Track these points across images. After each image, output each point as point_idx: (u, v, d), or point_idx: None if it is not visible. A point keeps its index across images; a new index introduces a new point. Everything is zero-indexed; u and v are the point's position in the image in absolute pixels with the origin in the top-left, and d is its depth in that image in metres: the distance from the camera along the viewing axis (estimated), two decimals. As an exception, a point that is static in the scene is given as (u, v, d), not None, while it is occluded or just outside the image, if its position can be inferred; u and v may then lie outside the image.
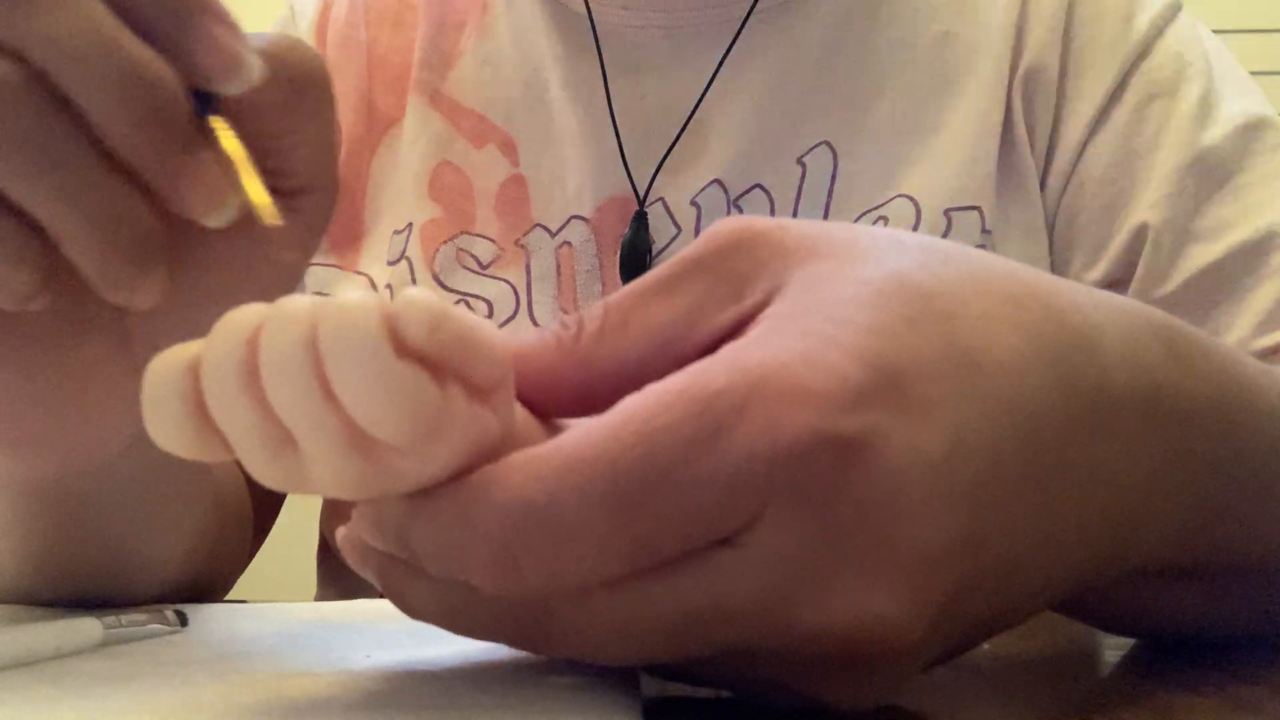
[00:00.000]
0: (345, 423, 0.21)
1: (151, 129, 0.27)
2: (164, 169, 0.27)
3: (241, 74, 0.28)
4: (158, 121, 0.27)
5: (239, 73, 0.28)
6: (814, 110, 0.60)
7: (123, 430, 0.31)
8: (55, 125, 0.26)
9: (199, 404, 0.22)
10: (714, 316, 0.25)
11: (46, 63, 0.26)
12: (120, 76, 0.26)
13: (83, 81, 0.26)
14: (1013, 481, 0.24)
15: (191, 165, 0.28)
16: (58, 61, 0.26)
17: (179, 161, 0.27)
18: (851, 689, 0.24)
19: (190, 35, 0.27)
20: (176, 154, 0.27)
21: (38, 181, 0.26)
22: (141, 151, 0.27)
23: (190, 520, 0.46)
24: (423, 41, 0.65)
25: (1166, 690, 0.31)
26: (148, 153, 0.27)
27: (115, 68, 0.26)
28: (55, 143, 0.26)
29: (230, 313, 0.22)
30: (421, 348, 0.21)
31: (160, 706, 0.26)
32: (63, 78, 0.26)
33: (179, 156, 0.27)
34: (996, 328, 0.25)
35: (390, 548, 0.24)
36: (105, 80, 0.26)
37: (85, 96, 0.26)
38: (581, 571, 0.22)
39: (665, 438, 0.22)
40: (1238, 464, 0.31)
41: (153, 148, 0.27)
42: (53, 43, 0.26)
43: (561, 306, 0.60)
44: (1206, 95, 0.58)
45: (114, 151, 0.27)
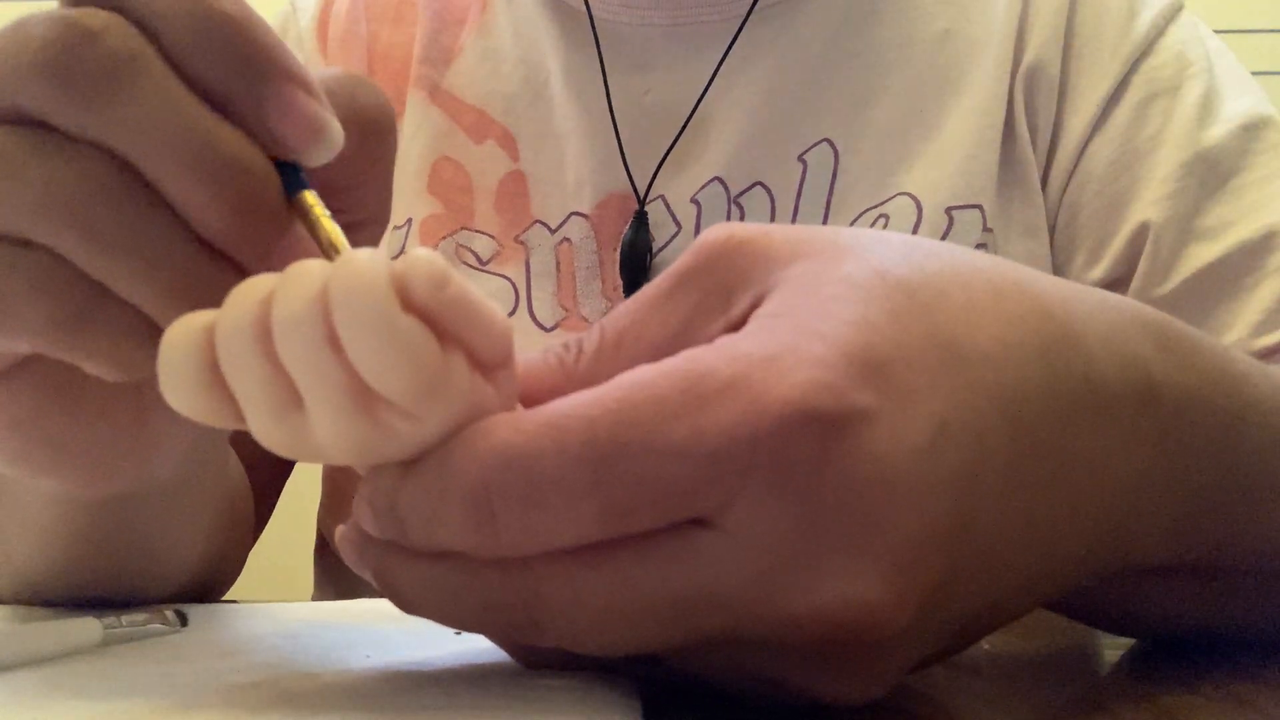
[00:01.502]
0: (350, 378, 0.22)
1: (244, 216, 0.26)
2: (256, 252, 0.26)
3: (325, 143, 0.27)
4: (250, 208, 0.26)
5: (323, 142, 0.27)
6: (815, 108, 0.60)
7: (180, 448, 0.32)
8: (146, 215, 0.26)
9: (212, 365, 0.23)
10: (706, 327, 0.25)
11: (133, 154, 0.25)
12: (205, 164, 0.25)
13: (171, 172, 0.25)
14: (999, 470, 0.24)
15: (283, 245, 0.27)
16: (145, 152, 0.25)
17: (270, 242, 0.27)
18: (841, 680, 0.24)
19: (272, 106, 0.26)
20: (268, 237, 0.26)
21: (132, 269, 0.26)
22: (233, 237, 0.26)
23: (208, 523, 0.46)
24: (423, 37, 0.65)
25: (1166, 690, 0.31)
26: (239, 238, 0.26)
27: (200, 155, 0.25)
28: (147, 232, 0.26)
29: (246, 280, 0.23)
30: (426, 305, 0.22)
31: (160, 706, 0.26)
32: (151, 169, 0.25)
33: (271, 239, 0.27)
34: (980, 319, 0.25)
35: (382, 523, 0.24)
36: (190, 168, 0.25)
37: (175, 187, 0.26)
38: (556, 530, 0.22)
39: (648, 406, 0.22)
40: (1233, 459, 0.31)
41: (244, 233, 0.26)
42: (136, 133, 0.25)
43: (561, 303, 0.60)
44: (1208, 94, 0.58)
45: (205, 236, 0.26)
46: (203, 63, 0.26)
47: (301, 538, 0.70)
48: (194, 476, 0.43)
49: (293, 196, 0.27)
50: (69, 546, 0.40)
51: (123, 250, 0.25)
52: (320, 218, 0.26)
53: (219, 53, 0.26)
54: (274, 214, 0.26)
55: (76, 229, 0.25)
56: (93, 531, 0.40)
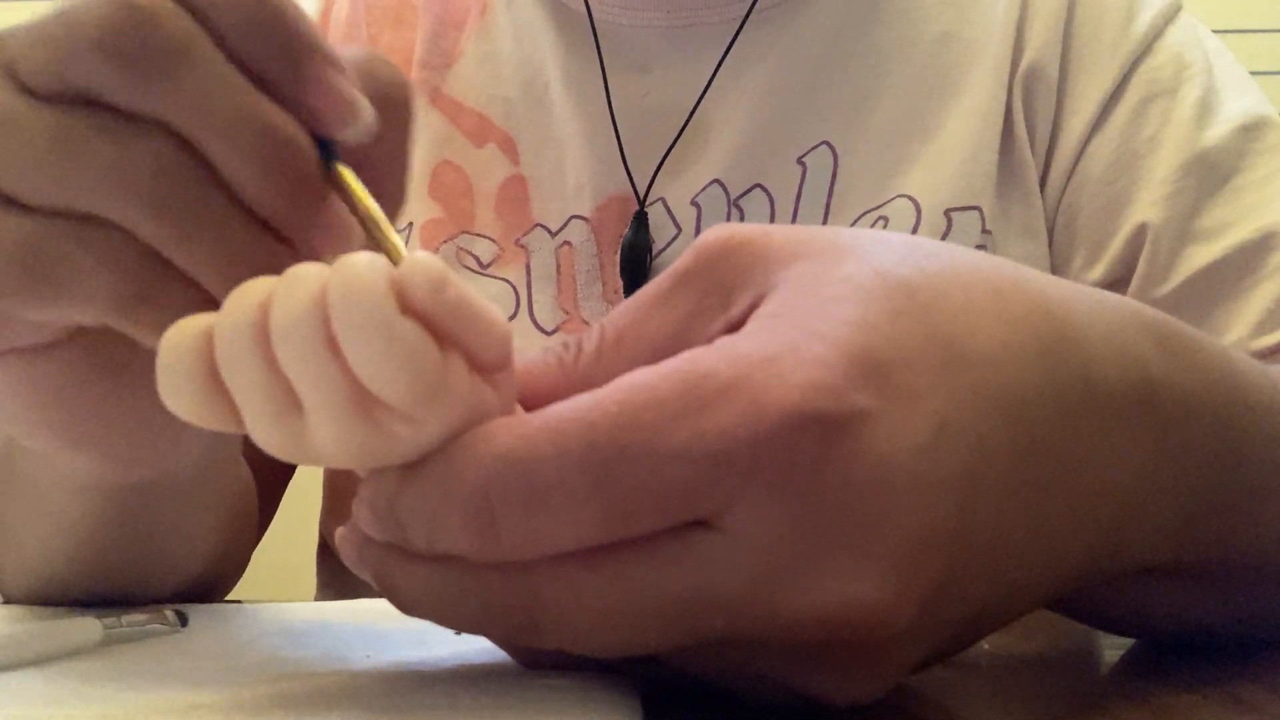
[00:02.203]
0: (349, 382, 0.22)
1: (290, 189, 0.27)
2: (300, 223, 0.28)
3: (360, 120, 0.28)
4: (295, 182, 0.27)
5: (357, 119, 0.28)
6: (814, 110, 0.60)
7: (206, 435, 0.32)
8: (207, 191, 0.27)
9: (211, 368, 0.23)
10: (705, 327, 0.25)
11: (191, 131, 0.27)
12: (259, 141, 0.27)
13: (227, 148, 0.27)
14: (1000, 470, 0.24)
15: (323, 217, 0.28)
16: (202, 130, 0.27)
17: (314, 215, 0.28)
18: (842, 681, 0.24)
19: (309, 84, 0.28)
20: (312, 209, 0.28)
21: (196, 244, 0.27)
22: (281, 210, 0.27)
23: (217, 519, 0.46)
24: (423, 40, 0.65)
25: (1166, 690, 0.31)
26: (287, 210, 0.27)
27: (254, 133, 0.27)
28: (208, 208, 0.27)
29: (245, 283, 0.23)
30: (425, 309, 0.22)
31: (160, 706, 0.26)
32: (208, 146, 0.27)
33: (314, 210, 0.28)
34: (980, 319, 0.25)
35: (382, 527, 0.24)
36: (245, 146, 0.27)
37: (230, 163, 0.27)
38: (557, 534, 0.22)
39: (648, 409, 0.22)
40: (1233, 459, 0.31)
41: (291, 206, 0.27)
42: (194, 111, 0.26)
43: (562, 306, 0.60)
44: (1207, 95, 0.58)
45: (255, 209, 0.27)
46: (249, 45, 0.27)
47: (303, 538, 0.70)
48: (210, 471, 0.43)
49: (329, 171, 0.28)
50: (87, 535, 0.41)
51: (187, 224, 0.27)
52: (357, 191, 0.28)
53: (264, 36, 0.27)
54: (315, 186, 0.28)
55: (144, 205, 0.26)
56: (114, 520, 0.40)
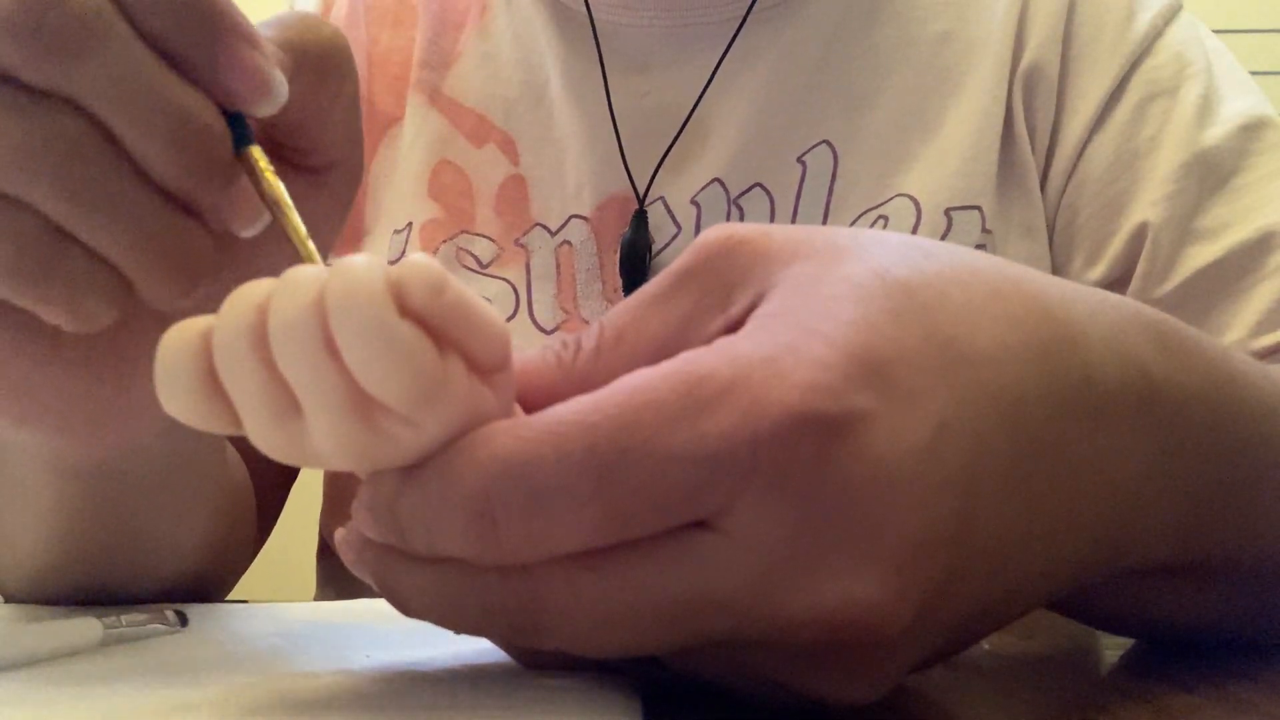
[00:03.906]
0: (348, 384, 0.22)
1: (198, 170, 0.28)
2: (209, 200, 0.29)
3: (271, 95, 0.28)
4: (204, 162, 0.28)
5: (269, 94, 0.28)
6: (814, 109, 0.60)
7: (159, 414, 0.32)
8: (114, 169, 0.27)
9: (210, 371, 0.23)
10: (705, 326, 0.25)
11: (99, 108, 0.27)
12: (168, 120, 0.27)
13: (134, 126, 0.27)
14: (1000, 470, 0.24)
15: (233, 192, 0.29)
16: (110, 107, 0.27)
17: (224, 192, 0.29)
18: (843, 682, 0.24)
19: (221, 61, 0.28)
20: (220, 187, 0.28)
21: (101, 221, 0.27)
22: (190, 188, 0.28)
23: (205, 514, 0.46)
24: (422, 41, 0.65)
25: (1166, 690, 0.31)
26: (195, 188, 0.28)
27: (163, 112, 0.27)
28: (116, 185, 0.27)
29: (244, 284, 0.23)
30: (423, 311, 0.22)
31: (160, 706, 0.26)
32: (115, 123, 0.27)
33: (223, 189, 0.29)
34: (979, 319, 0.25)
35: (382, 529, 0.24)
36: (154, 125, 0.27)
37: (136, 140, 0.27)
38: (558, 537, 0.22)
39: (648, 411, 0.22)
40: (1233, 459, 0.31)
41: (200, 184, 0.28)
42: (104, 89, 0.27)
43: (561, 306, 0.60)
44: (1207, 95, 0.58)
45: (163, 187, 0.28)
46: (159, 20, 0.27)
47: (303, 538, 0.70)
48: (189, 467, 0.43)
49: (240, 150, 0.29)
50: (67, 528, 0.41)
51: (91, 201, 0.27)
52: (265, 171, 0.29)
53: (176, 11, 0.28)
54: (226, 165, 0.28)
55: (48, 181, 0.27)
56: (85, 506, 0.40)
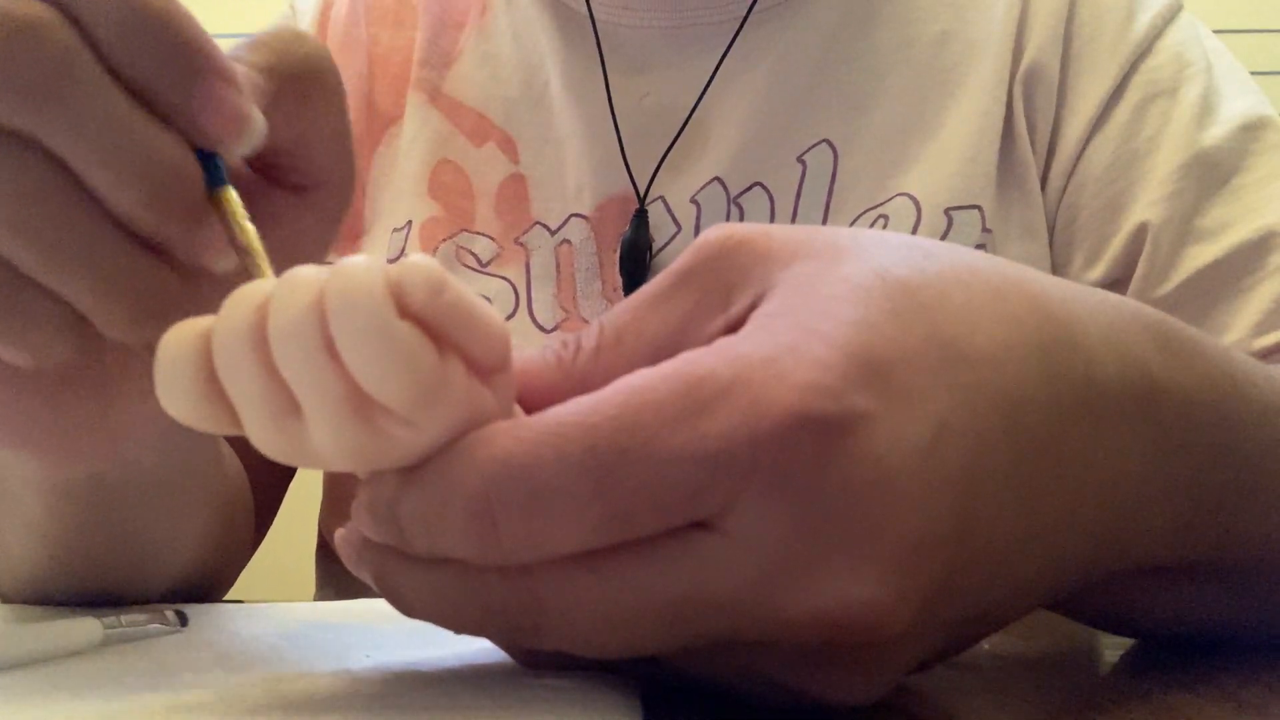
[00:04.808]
0: (348, 385, 0.22)
1: (168, 213, 0.27)
2: (180, 243, 0.27)
3: (247, 135, 0.27)
4: (173, 206, 0.27)
5: (244, 134, 0.27)
6: (814, 108, 0.60)
7: (150, 427, 0.32)
8: (75, 211, 0.26)
9: (209, 372, 0.23)
10: (705, 326, 0.25)
11: (65, 150, 0.26)
12: (136, 164, 0.26)
13: (101, 170, 0.26)
14: (1000, 470, 0.24)
15: (205, 234, 0.28)
16: (76, 150, 0.26)
17: (194, 235, 0.27)
18: (842, 682, 0.24)
19: (196, 100, 0.27)
20: (192, 230, 0.27)
21: (60, 264, 0.26)
22: (159, 232, 0.27)
23: (202, 516, 0.46)
24: (422, 40, 0.65)
25: (1166, 690, 0.31)
26: (165, 232, 0.27)
27: (132, 156, 0.26)
28: (76, 228, 0.26)
29: (243, 286, 0.23)
30: (422, 312, 0.22)
31: (160, 706, 0.26)
32: (80, 166, 0.26)
33: (194, 231, 0.27)
34: (979, 319, 0.25)
35: (382, 530, 0.24)
36: (122, 168, 0.26)
37: (103, 185, 0.26)
38: (558, 537, 0.22)
39: (648, 411, 0.22)
40: (1233, 459, 0.31)
41: (170, 228, 0.27)
42: (71, 132, 0.26)
43: (561, 305, 0.60)
44: (1207, 95, 0.58)
45: (129, 227, 0.27)
46: (132, 57, 0.27)
47: (302, 538, 0.70)
48: (184, 472, 0.43)
49: (214, 190, 0.28)
50: (58, 534, 0.40)
51: (49, 246, 0.26)
52: (236, 216, 0.27)
53: (148, 47, 0.27)
54: (197, 209, 0.27)
55: (4, 223, 0.26)
56: (78, 519, 0.40)
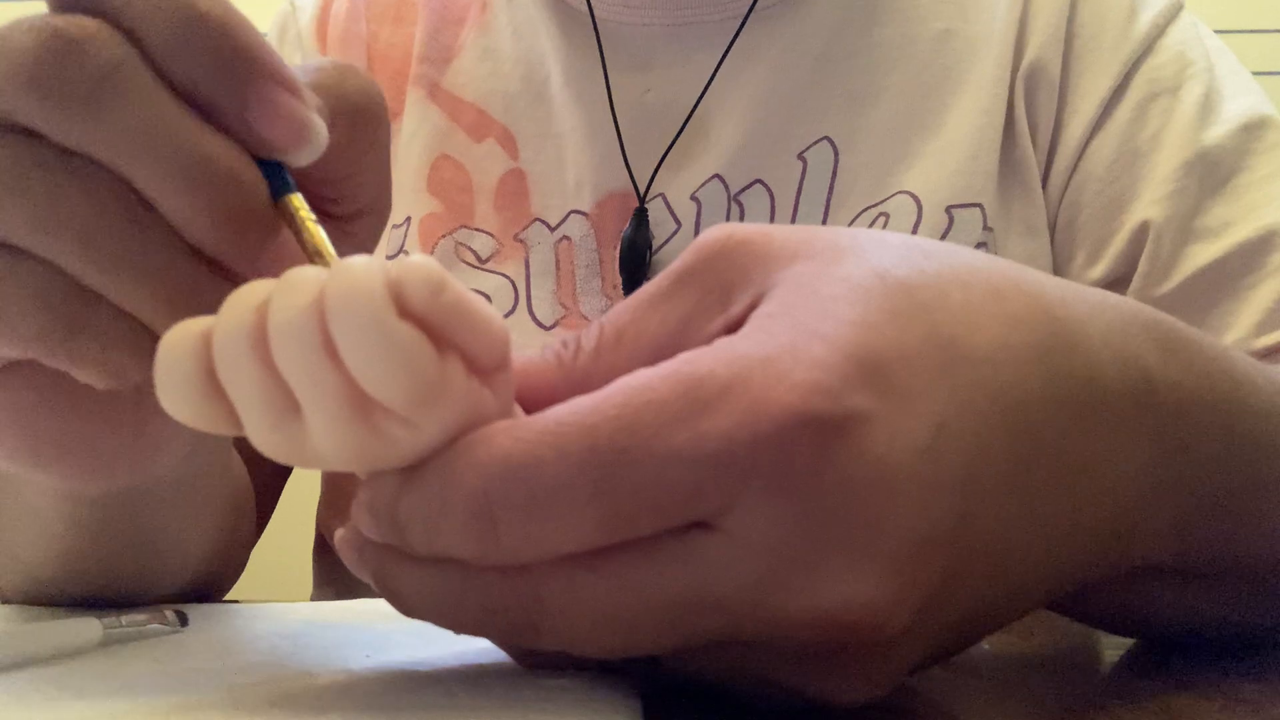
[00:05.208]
0: (347, 385, 0.22)
1: (231, 224, 0.26)
2: (245, 258, 0.27)
3: (311, 143, 0.27)
4: (237, 216, 0.26)
5: (307, 142, 0.26)
6: (815, 106, 0.60)
7: (182, 443, 0.32)
8: (139, 226, 0.26)
9: (210, 372, 0.23)
10: (705, 326, 0.25)
11: (122, 166, 0.25)
12: (195, 175, 0.25)
13: (159, 183, 0.25)
14: (1000, 470, 0.24)
15: (271, 249, 0.27)
16: (133, 164, 0.25)
17: (260, 249, 0.27)
18: (842, 682, 0.24)
19: (256, 109, 0.26)
20: (257, 243, 0.26)
21: (128, 280, 0.26)
22: (222, 245, 0.26)
23: (214, 518, 0.46)
24: (422, 36, 0.65)
25: (1166, 690, 0.31)
26: (229, 246, 0.26)
27: (188, 166, 0.25)
28: (141, 243, 0.26)
29: (242, 287, 0.23)
30: (422, 311, 0.22)
31: (160, 706, 0.26)
32: (140, 180, 0.26)
33: (259, 245, 0.26)
34: (979, 319, 0.25)
35: (382, 529, 0.24)
36: (180, 179, 0.25)
37: (163, 198, 0.26)
38: (558, 537, 0.22)
39: (648, 411, 0.22)
40: (1233, 460, 0.31)
41: (233, 241, 0.26)
42: (126, 144, 0.25)
43: (561, 301, 0.60)
44: (1208, 94, 0.58)
45: (195, 244, 0.26)
46: (186, 66, 0.26)
47: (301, 538, 0.70)
48: (199, 474, 0.43)
49: (279, 199, 0.27)
50: (73, 541, 0.40)
51: (118, 263, 0.26)
52: (305, 221, 0.26)
53: (202, 55, 0.26)
54: (261, 219, 0.26)
55: (74, 242, 0.25)
56: (97, 526, 0.40)
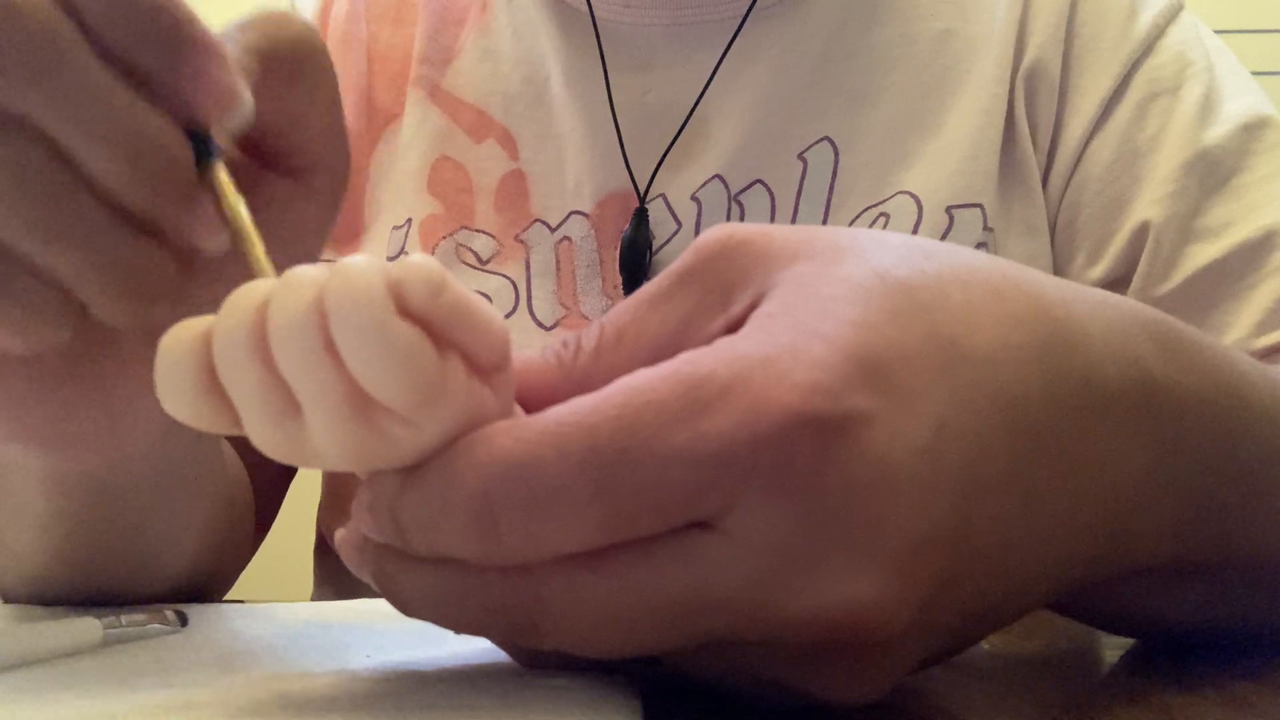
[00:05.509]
0: (348, 385, 0.22)
1: (158, 188, 0.27)
2: (171, 222, 0.27)
3: (235, 110, 0.28)
4: (164, 182, 0.27)
5: (233, 109, 0.27)
6: (815, 106, 0.60)
7: (152, 420, 0.32)
8: (66, 191, 0.26)
9: (209, 371, 0.23)
10: (705, 326, 0.25)
11: (53, 128, 0.26)
12: (125, 141, 0.26)
13: (90, 148, 0.26)
14: (1000, 470, 0.24)
15: (196, 213, 0.28)
16: (64, 127, 0.26)
17: (186, 213, 0.28)
18: (842, 682, 0.24)
19: (183, 77, 0.27)
20: (182, 208, 0.27)
21: (51, 246, 0.27)
22: (149, 211, 0.27)
23: (203, 514, 0.46)
24: (422, 37, 0.65)
25: (1166, 690, 0.31)
26: (155, 211, 0.27)
27: (120, 133, 0.26)
28: (67, 209, 0.26)
29: (243, 285, 0.23)
30: (423, 311, 0.22)
31: (160, 706, 0.26)
32: (69, 144, 0.26)
33: (185, 209, 0.27)
34: (979, 319, 0.25)
35: (382, 529, 0.24)
36: (111, 146, 0.26)
37: (92, 163, 0.26)
38: (558, 537, 0.22)
39: (648, 411, 0.22)
40: (1233, 460, 0.31)
41: (160, 206, 0.27)
42: (58, 111, 0.26)
43: (561, 302, 0.60)
44: (1208, 94, 0.58)
45: (120, 207, 0.27)
46: (118, 35, 0.27)
47: (301, 538, 0.70)
48: (183, 463, 0.43)
49: (203, 165, 0.28)
50: (64, 532, 0.41)
51: (41, 227, 0.26)
52: (225, 188, 0.28)
53: (134, 25, 0.27)
54: (186, 185, 0.27)
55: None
56: (84, 515, 0.40)
